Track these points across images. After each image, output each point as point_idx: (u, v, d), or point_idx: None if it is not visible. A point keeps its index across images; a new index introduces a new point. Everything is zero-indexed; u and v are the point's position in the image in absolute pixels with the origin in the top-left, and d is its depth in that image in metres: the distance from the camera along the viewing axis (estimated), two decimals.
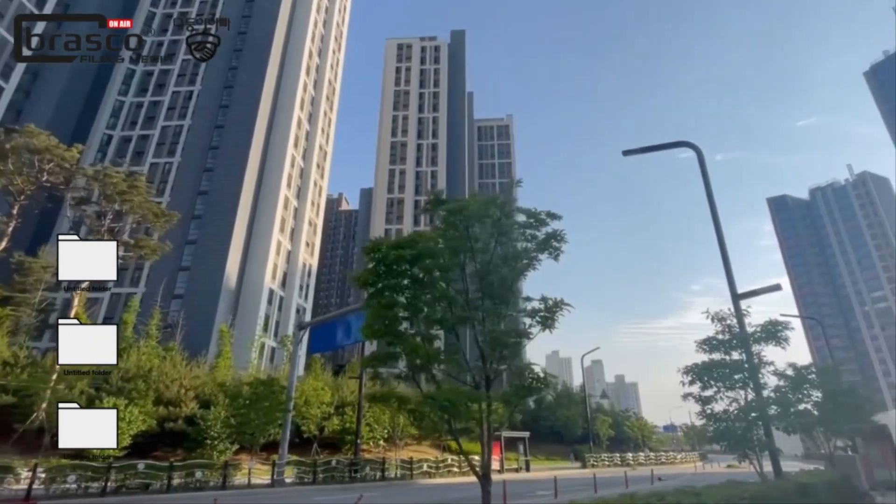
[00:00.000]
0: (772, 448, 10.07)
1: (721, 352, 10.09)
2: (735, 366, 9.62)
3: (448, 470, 28.46)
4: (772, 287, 11.23)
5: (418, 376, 7.99)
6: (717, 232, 12.16)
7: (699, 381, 9.62)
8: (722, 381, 9.53)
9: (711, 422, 9.45)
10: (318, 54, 65.12)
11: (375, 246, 8.25)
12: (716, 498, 6.57)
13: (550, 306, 7.81)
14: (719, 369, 9.57)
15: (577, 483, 22.99)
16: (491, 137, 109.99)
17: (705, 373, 9.56)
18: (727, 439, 9.03)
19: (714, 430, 9.33)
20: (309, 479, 22.17)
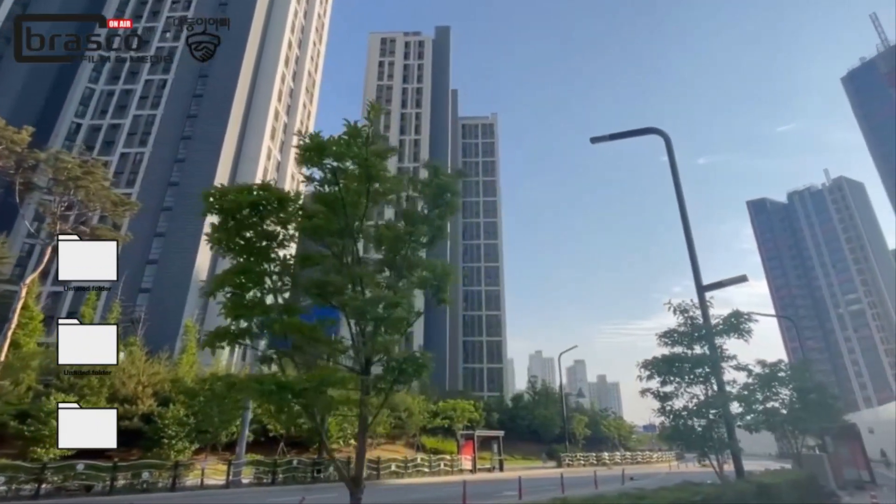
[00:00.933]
0: (734, 447, 9.55)
1: (684, 345, 9.53)
2: (697, 360, 9.05)
3: (417, 470, 27.72)
4: (737, 279, 10.72)
5: (291, 358, 6.97)
6: (683, 221, 11.63)
7: (658, 375, 9.04)
8: (682, 375, 8.96)
9: (669, 419, 8.87)
10: (298, 45, 63.77)
11: (220, 193, 6.59)
12: (664, 501, 5.92)
13: (440, 273, 6.84)
14: (680, 363, 8.99)
15: (547, 483, 22.43)
16: (475, 136, 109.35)
17: (665, 367, 8.98)
18: (683, 438, 8.45)
19: (671, 429, 8.73)
20: (268, 480, 21.26)
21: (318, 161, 6.62)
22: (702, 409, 8.45)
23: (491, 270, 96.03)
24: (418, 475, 27.51)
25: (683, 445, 8.46)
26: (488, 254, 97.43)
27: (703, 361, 8.94)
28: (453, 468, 30.15)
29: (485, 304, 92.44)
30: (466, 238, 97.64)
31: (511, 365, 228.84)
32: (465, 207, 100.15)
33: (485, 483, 25.80)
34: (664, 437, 9.05)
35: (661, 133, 13.34)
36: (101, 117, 56.16)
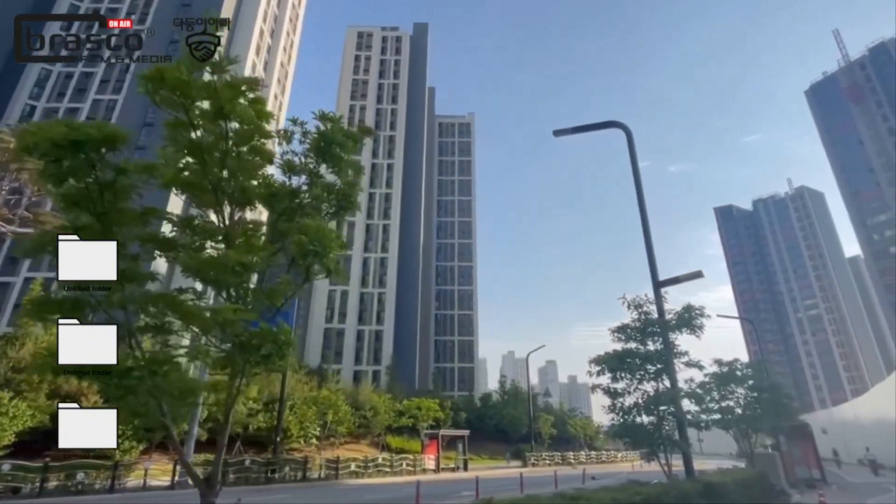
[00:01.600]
0: (683, 446, 9.37)
1: (637, 341, 9.29)
2: (647, 355, 8.81)
3: (378, 470, 27.11)
4: (692, 274, 10.55)
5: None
6: (641, 215, 11.43)
7: (608, 371, 8.76)
8: (632, 371, 8.71)
9: (619, 416, 8.60)
10: (271, 34, 62.16)
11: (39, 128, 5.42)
12: (600, 502, 5.57)
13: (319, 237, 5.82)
14: (631, 359, 8.73)
15: (507, 483, 22.16)
16: (452, 134, 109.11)
17: (615, 362, 8.71)
18: (630, 435, 8.17)
19: (618, 425, 8.44)
20: None
21: (167, 97, 5.79)
22: (650, 405, 8.19)
23: (464, 270, 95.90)
24: (379, 475, 26.91)
25: (630, 443, 8.18)
26: (462, 253, 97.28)
27: (654, 357, 8.71)
28: (416, 468, 29.64)
29: (457, 303, 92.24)
30: (441, 237, 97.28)
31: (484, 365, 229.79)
32: (440, 206, 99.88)
33: (446, 483, 25.42)
34: (611, 434, 8.74)
35: (622, 127, 13.19)
36: (58, 100, 53.61)
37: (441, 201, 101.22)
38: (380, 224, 72.47)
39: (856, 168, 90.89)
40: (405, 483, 25.48)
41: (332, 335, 65.56)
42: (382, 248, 71.08)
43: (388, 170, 75.96)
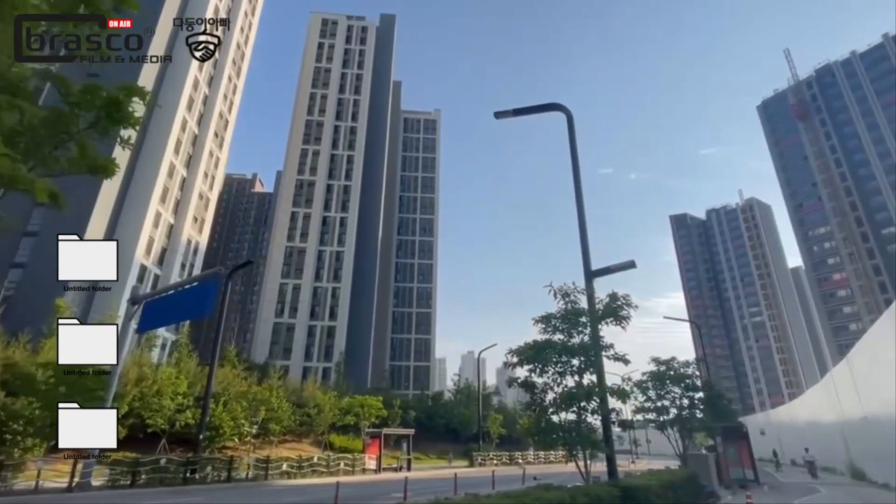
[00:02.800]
0: (606, 447, 8.73)
1: (562, 332, 8.58)
2: (570, 348, 8.10)
3: (313, 470, 25.76)
4: (625, 264, 9.97)
5: None
6: (577, 202, 10.78)
7: (526, 363, 7.98)
8: (552, 364, 7.96)
9: (534, 412, 7.81)
10: (227, 12, 59.31)
11: None
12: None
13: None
14: (554, 351, 7.99)
15: (444, 484, 21.32)
16: (417, 130, 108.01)
17: (534, 354, 7.94)
18: (543, 434, 7.37)
19: (531, 423, 7.61)
20: (126, 482, 18.55)
21: None
22: (566, 401, 7.43)
23: (425, 267, 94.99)
24: (314, 475, 25.56)
25: (541, 443, 7.35)
26: (423, 250, 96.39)
27: (575, 350, 8.00)
28: (355, 468, 28.44)
29: (416, 301, 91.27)
30: (402, 233, 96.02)
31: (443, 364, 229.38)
32: (401, 202, 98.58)
33: (380, 483, 24.36)
34: (522, 432, 7.95)
35: (563, 109, 12.61)
36: None
37: (403, 197, 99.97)
38: (337, 217, 70.52)
39: (800, 182, 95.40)
40: (344, 483, 24.25)
41: (282, 330, 63.24)
42: (339, 241, 69.20)
43: (348, 161, 74.09)
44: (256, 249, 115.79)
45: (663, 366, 16.91)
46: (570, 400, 7.27)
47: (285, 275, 66.21)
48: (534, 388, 8.06)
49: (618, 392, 8.46)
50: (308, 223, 68.47)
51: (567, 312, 8.45)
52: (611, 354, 8.48)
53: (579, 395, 7.21)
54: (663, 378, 16.27)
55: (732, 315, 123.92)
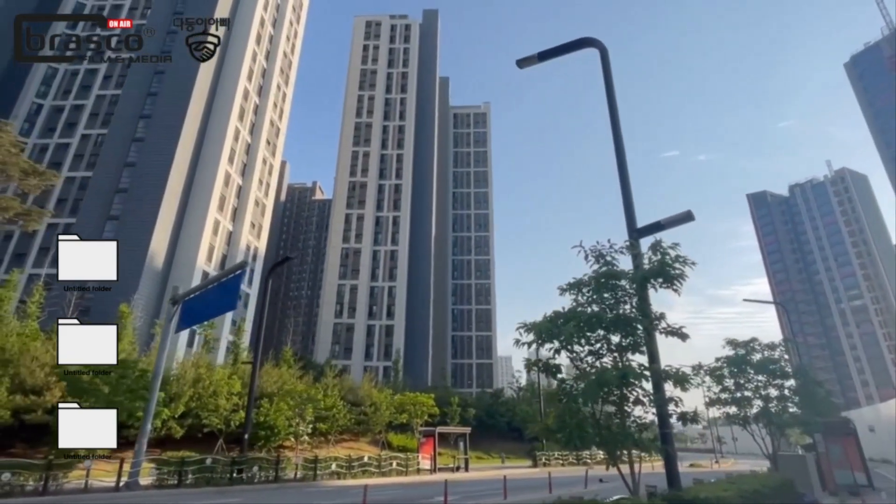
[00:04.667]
0: (667, 447, 6.79)
1: (596, 302, 6.72)
2: (607, 318, 6.23)
3: (363, 470, 24.94)
4: (682, 216, 7.97)
5: None
6: (615, 145, 8.91)
7: (550, 341, 6.16)
8: (579, 340, 6.13)
9: (564, 402, 5.99)
10: (273, 24, 60.90)
11: None
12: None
13: None
14: (581, 322, 6.14)
15: (491, 487, 19.64)
16: (467, 125, 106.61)
17: (562, 328, 6.08)
18: (564, 430, 5.49)
19: (554, 417, 5.77)
20: (173, 482, 18.50)
21: None
22: (594, 388, 5.53)
23: (482, 263, 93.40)
24: (364, 476, 24.73)
25: (564, 441, 5.52)
26: (479, 246, 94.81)
27: (611, 321, 6.12)
28: (408, 468, 27.37)
29: (475, 297, 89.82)
30: (457, 230, 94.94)
31: (508, 362, 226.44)
32: (455, 199, 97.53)
33: (428, 485, 22.98)
34: (539, 431, 6.11)
35: (596, 44, 10.70)
36: (63, 98, 53.58)
37: (457, 193, 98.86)
38: (389, 216, 70.53)
39: None
40: (390, 484, 23.28)
41: (342, 330, 64.02)
42: (392, 240, 69.13)
43: (398, 160, 73.97)
44: (319, 255, 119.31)
45: (742, 349, 14.21)
46: (600, 386, 5.43)
47: (342, 276, 67.07)
48: (557, 372, 6.29)
49: (674, 377, 6.47)
50: (362, 224, 69.02)
51: (601, 275, 6.58)
52: (662, 327, 6.51)
53: (609, 379, 5.34)
54: (743, 363, 13.65)
55: (827, 299, 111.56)
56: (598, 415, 5.91)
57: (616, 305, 6.77)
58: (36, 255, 45.15)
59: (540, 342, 6.23)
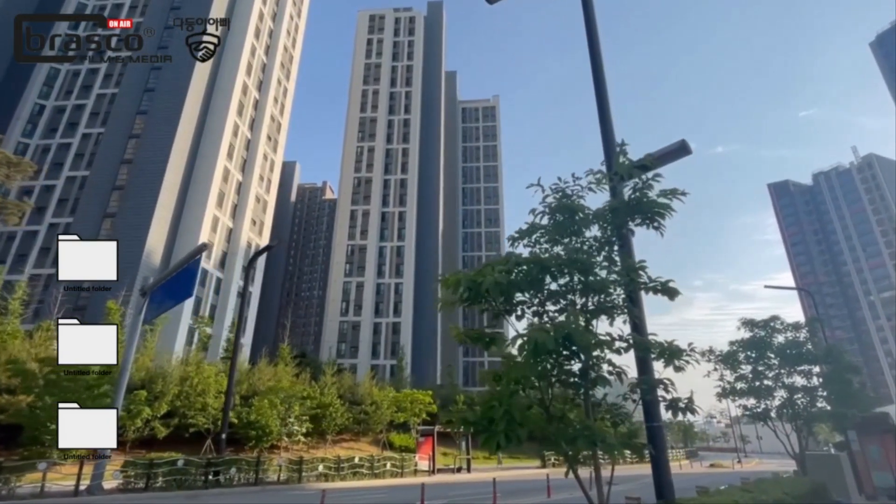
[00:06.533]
0: (655, 444, 5.17)
1: (559, 242, 4.96)
2: (572, 263, 4.44)
3: (354, 472, 23.44)
4: (675, 147, 6.26)
5: None
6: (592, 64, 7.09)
7: (477, 301, 4.39)
8: (521, 297, 4.40)
9: (501, 384, 4.25)
10: (272, 18, 59.98)
11: None
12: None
13: None
14: (526, 272, 4.37)
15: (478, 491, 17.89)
16: (475, 119, 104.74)
17: (492, 281, 4.23)
18: (479, 425, 3.64)
19: (485, 405, 3.89)
20: (140, 485, 17.21)
21: None
22: (532, 358, 3.67)
23: (492, 259, 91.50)
24: (355, 478, 23.25)
25: (482, 438, 3.79)
26: (490, 242, 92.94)
27: (567, 264, 4.33)
28: (404, 469, 25.81)
29: None
30: (466, 226, 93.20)
31: None
32: (464, 194, 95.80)
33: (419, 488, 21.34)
34: (457, 422, 4.33)
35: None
36: (65, 98, 53.39)
37: (466, 189, 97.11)
38: (395, 212, 69.11)
39: None
40: (374, 488, 21.75)
41: (348, 328, 62.82)
42: (399, 236, 67.70)
43: (403, 155, 72.53)
44: (330, 254, 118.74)
45: (761, 330, 12.23)
46: (535, 355, 3.65)
47: (348, 273, 65.90)
48: (491, 344, 4.56)
49: (663, 351, 4.74)
50: (367, 220, 67.75)
51: (554, 209, 4.83)
52: (644, 282, 4.76)
53: (550, 345, 3.51)
54: (762, 347, 11.73)
55: (855, 291, 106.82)
56: (548, 400, 4.23)
57: (578, 254, 5.03)
58: (37, 256, 44.84)
59: (465, 301, 4.57)
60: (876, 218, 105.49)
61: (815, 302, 73.50)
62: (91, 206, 43.04)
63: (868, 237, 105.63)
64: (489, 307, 4.65)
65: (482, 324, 6.14)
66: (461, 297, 4.48)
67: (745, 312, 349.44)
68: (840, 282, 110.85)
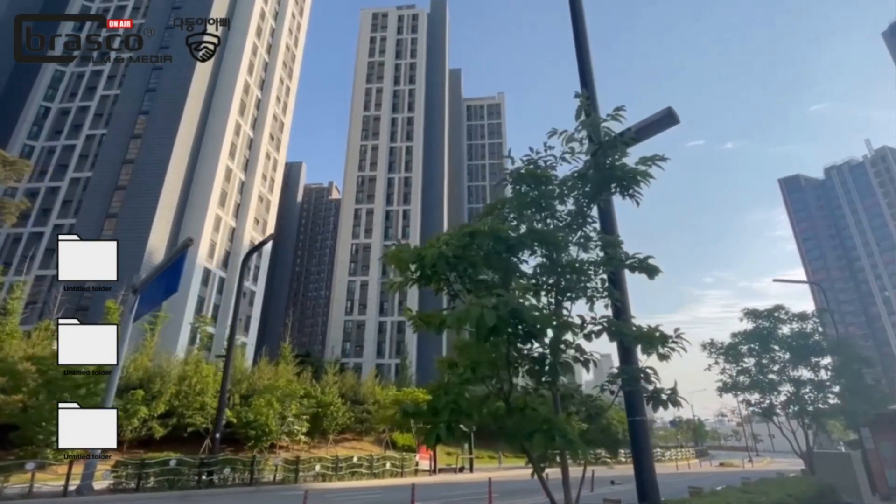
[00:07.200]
0: (642, 440, 4.75)
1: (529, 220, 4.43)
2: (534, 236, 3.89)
3: (352, 472, 23.03)
4: (661, 116, 5.74)
5: None
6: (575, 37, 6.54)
7: (427, 280, 3.83)
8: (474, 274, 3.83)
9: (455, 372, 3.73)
10: (274, 17, 59.84)
11: None
12: None
13: None
14: (478, 245, 3.73)
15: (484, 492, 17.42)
16: (480, 117, 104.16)
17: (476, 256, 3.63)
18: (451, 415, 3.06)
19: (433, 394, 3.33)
20: (132, 485, 16.93)
21: None
22: (482, 337, 3.12)
23: None
24: (354, 478, 22.86)
25: (424, 433, 3.31)
26: None
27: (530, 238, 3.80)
28: (404, 469, 25.39)
29: None
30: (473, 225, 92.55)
31: None
32: (470, 192, 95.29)
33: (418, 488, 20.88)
34: (399, 415, 3.82)
35: None
36: (70, 100, 53.62)
37: (472, 187, 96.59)
38: (399, 210, 68.74)
39: None
40: (369, 488, 21.34)
41: (353, 328, 62.55)
42: (403, 234, 67.31)
43: (407, 153, 72.14)
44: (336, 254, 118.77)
45: (765, 321, 11.55)
46: (479, 334, 3.05)
47: (353, 272, 65.66)
48: (442, 325, 4.05)
49: (643, 336, 4.24)
50: (371, 218, 67.45)
51: (517, 178, 4.33)
52: (620, 259, 4.24)
53: (490, 322, 2.88)
54: (766, 339, 11.10)
55: (869, 287, 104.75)
56: (506, 389, 3.73)
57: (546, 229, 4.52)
58: (42, 257, 45.02)
59: (416, 281, 4.10)
60: (890, 212, 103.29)
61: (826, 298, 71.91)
62: (93, 206, 43.13)
63: (882, 231, 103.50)
64: (444, 287, 4.16)
65: None
66: (411, 277, 4.01)
67: None
68: (854, 277, 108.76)
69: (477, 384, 3.92)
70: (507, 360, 3.61)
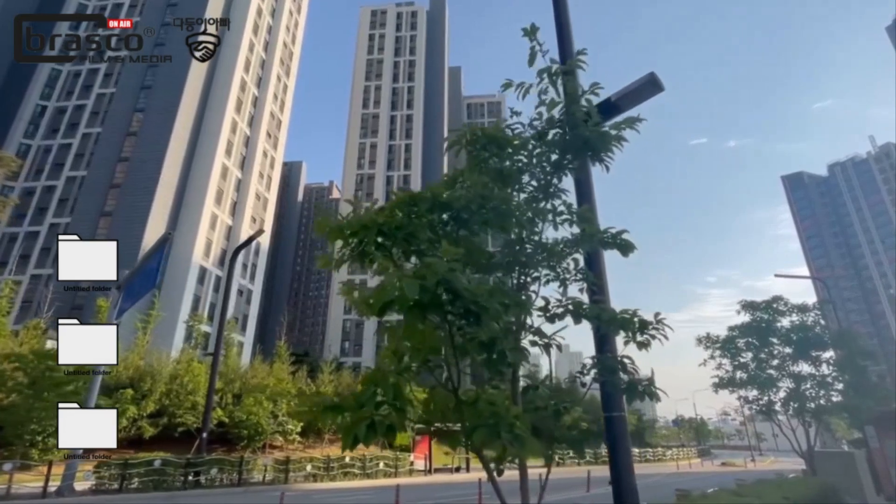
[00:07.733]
0: (619, 439, 4.29)
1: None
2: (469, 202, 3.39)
3: (345, 472, 22.59)
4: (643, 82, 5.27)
5: None
6: None
7: (359, 259, 3.35)
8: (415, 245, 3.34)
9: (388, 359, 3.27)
10: (271, 14, 59.46)
11: None
12: None
13: None
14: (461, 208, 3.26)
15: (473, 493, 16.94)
16: (481, 115, 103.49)
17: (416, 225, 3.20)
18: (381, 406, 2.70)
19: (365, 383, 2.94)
20: (114, 486, 16.52)
21: None
22: (414, 317, 2.69)
23: None
24: (346, 478, 22.41)
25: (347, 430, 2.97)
26: None
27: (482, 201, 3.30)
28: (398, 469, 24.94)
29: None
30: None
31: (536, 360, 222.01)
32: None
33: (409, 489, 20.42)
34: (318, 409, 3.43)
35: None
36: (66, 99, 53.38)
37: None
38: None
39: None
40: (359, 489, 20.89)
41: (352, 326, 62.15)
42: None
43: (406, 151, 71.68)
44: None
45: (763, 313, 11.02)
46: (408, 312, 2.58)
47: (351, 270, 65.22)
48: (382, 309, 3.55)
49: (615, 319, 3.77)
50: None
51: (473, 140, 3.87)
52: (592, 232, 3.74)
53: (412, 295, 2.39)
54: (765, 332, 10.58)
55: (874, 284, 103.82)
56: (456, 378, 3.26)
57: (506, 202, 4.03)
58: (38, 256, 44.77)
59: (352, 257, 3.64)
60: (895, 209, 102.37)
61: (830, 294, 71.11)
62: (88, 204, 42.84)
63: (886, 228, 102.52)
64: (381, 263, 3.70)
65: None
66: (347, 252, 3.55)
67: None
68: (858, 275, 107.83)
69: (422, 374, 3.45)
70: (452, 344, 3.12)
